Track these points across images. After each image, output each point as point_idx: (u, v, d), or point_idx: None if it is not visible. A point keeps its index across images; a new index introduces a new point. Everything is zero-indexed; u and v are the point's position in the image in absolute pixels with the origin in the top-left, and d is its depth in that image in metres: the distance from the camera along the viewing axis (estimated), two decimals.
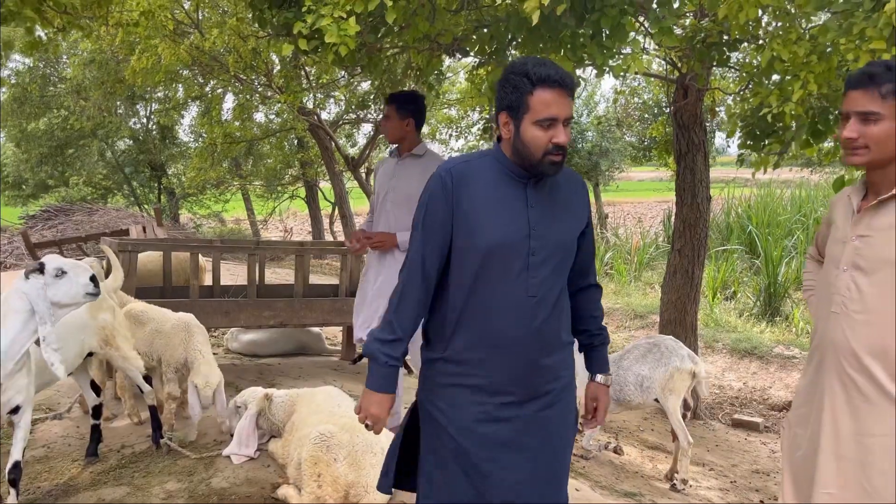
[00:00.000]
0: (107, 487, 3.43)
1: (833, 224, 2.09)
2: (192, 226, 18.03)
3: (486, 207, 1.94)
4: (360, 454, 3.14)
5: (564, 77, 1.86)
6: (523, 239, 1.93)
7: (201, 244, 6.40)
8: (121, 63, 10.81)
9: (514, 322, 1.95)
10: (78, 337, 3.38)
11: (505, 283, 1.94)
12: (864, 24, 2.98)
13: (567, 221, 2.01)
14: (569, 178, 2.05)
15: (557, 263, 1.98)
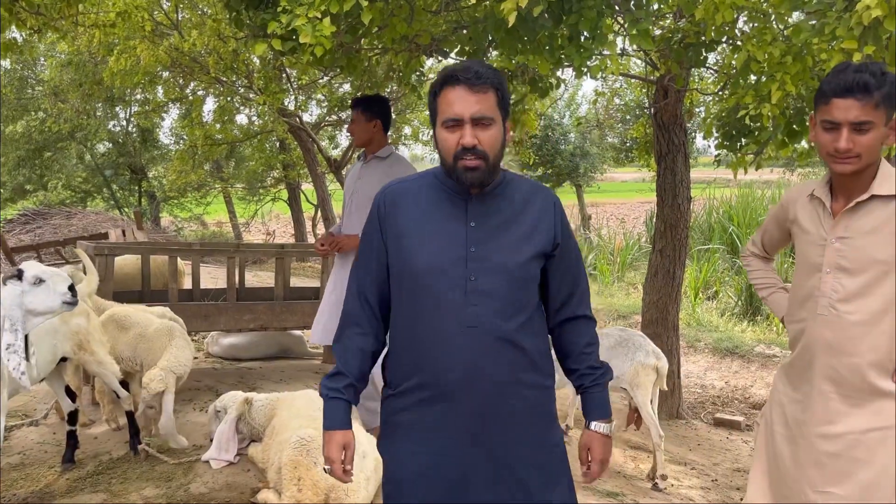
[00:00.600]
0: (84, 494, 3.38)
1: (797, 226, 2.10)
2: (173, 229, 17.87)
3: (419, 229, 1.76)
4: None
5: (470, 74, 1.68)
6: (458, 261, 1.71)
7: (180, 247, 6.35)
8: (99, 65, 10.70)
9: (449, 357, 1.71)
10: (50, 342, 3.34)
11: (439, 312, 1.72)
12: (836, 24, 3.00)
13: (519, 242, 1.75)
14: (530, 193, 1.82)
15: (508, 290, 1.72)
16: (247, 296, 5.67)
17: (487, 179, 1.72)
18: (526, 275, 1.76)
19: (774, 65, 3.38)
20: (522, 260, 1.74)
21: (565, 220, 1.84)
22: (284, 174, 14.70)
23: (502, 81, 1.73)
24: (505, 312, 1.72)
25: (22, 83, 14.52)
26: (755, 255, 2.40)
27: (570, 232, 1.86)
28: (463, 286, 1.71)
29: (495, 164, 1.72)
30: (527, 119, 5.70)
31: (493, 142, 1.70)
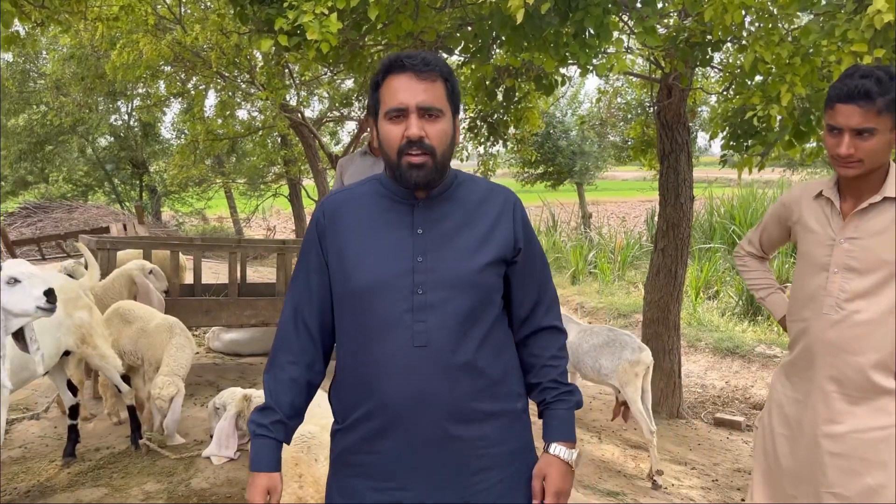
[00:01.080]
0: (85, 488, 3.38)
1: (801, 225, 2.10)
2: (174, 223, 17.87)
3: (360, 242, 1.57)
4: None
5: (417, 60, 1.50)
6: (405, 274, 1.52)
7: (182, 242, 6.34)
8: (101, 58, 10.67)
9: (396, 382, 1.52)
10: (54, 335, 3.33)
11: (385, 332, 1.53)
12: (846, 26, 3.00)
13: (472, 248, 1.55)
14: (486, 195, 1.62)
15: (462, 303, 1.52)
16: (248, 291, 5.67)
17: (435, 180, 1.53)
18: (481, 284, 1.55)
19: (782, 66, 3.37)
20: (476, 267, 1.54)
21: (527, 223, 1.65)
22: (286, 170, 14.68)
23: (451, 72, 1.56)
24: (458, 329, 1.53)
25: (24, 76, 14.50)
26: (751, 255, 2.40)
27: (534, 236, 1.67)
28: (409, 301, 1.52)
29: (444, 162, 1.54)
30: (531, 116, 5.69)
31: (441, 136, 1.52)
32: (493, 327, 1.59)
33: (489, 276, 1.56)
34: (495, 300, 1.60)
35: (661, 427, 5.41)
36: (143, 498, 3.28)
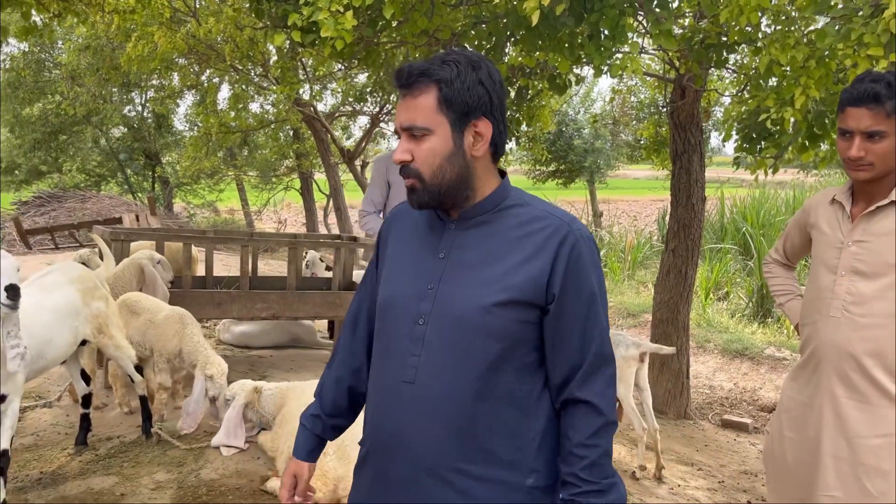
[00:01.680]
0: (96, 477, 3.42)
1: (816, 229, 2.12)
2: (185, 215, 17.97)
3: (399, 255, 1.49)
4: (349, 448, 3.14)
5: (402, 76, 1.37)
6: (414, 299, 1.39)
7: (194, 234, 6.38)
8: (116, 50, 10.75)
9: (383, 411, 1.42)
10: (72, 324, 3.37)
11: (386, 355, 1.43)
12: (863, 30, 2.98)
13: (489, 284, 1.33)
14: (529, 223, 1.38)
15: (460, 343, 1.33)
16: (259, 284, 5.70)
17: (434, 203, 1.38)
18: (488, 328, 1.33)
19: (797, 68, 3.36)
20: (483, 305, 1.32)
21: (581, 266, 1.34)
22: (297, 163, 14.73)
23: (452, 76, 1.34)
24: (450, 373, 1.34)
25: (39, 66, 14.61)
26: (777, 262, 2.42)
27: (588, 283, 1.35)
28: (411, 330, 1.39)
29: (436, 184, 1.36)
30: (542, 115, 5.69)
31: (426, 157, 1.35)
32: (504, 380, 1.35)
33: (502, 319, 1.33)
34: (513, 350, 1.35)
35: (669, 427, 5.41)
36: (154, 487, 3.32)
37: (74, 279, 3.46)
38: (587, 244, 1.37)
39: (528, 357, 1.38)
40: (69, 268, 3.57)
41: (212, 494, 3.27)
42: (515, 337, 1.35)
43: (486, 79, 1.36)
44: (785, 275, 2.41)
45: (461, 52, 1.39)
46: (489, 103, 1.37)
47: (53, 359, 3.27)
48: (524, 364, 1.38)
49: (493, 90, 1.37)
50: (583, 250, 1.36)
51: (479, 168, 1.40)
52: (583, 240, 1.36)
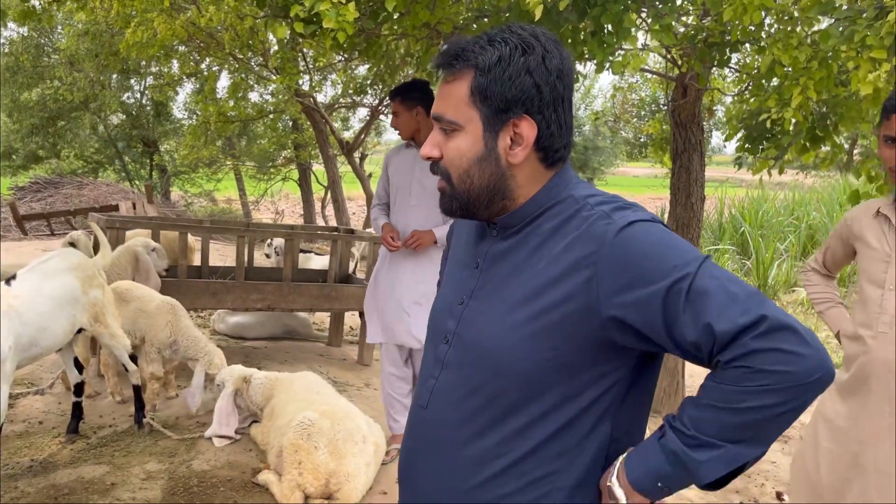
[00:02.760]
0: (87, 465, 3.40)
1: (862, 242, 2.08)
2: (182, 204, 17.92)
3: (452, 260, 1.32)
4: (341, 442, 3.13)
5: (442, 56, 1.14)
6: (447, 313, 1.22)
7: (190, 224, 6.35)
8: (115, 36, 10.68)
9: (406, 436, 1.30)
10: (70, 312, 3.36)
11: (422, 371, 1.30)
12: (866, 31, 2.96)
13: (515, 306, 1.10)
14: (563, 225, 1.12)
15: (478, 378, 1.13)
16: (255, 275, 5.68)
17: (462, 212, 1.17)
18: (510, 360, 1.10)
19: (799, 69, 3.34)
20: (505, 331, 1.10)
21: (629, 263, 1.04)
22: (296, 154, 14.68)
23: (489, 60, 1.09)
24: (463, 407, 1.15)
25: (38, 51, 14.52)
26: (815, 271, 2.39)
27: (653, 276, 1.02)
28: (436, 349, 1.23)
29: (465, 190, 1.14)
30: None
31: (454, 156, 1.13)
32: (530, 434, 1.10)
33: (529, 352, 1.08)
34: (541, 396, 1.09)
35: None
36: (144, 477, 3.31)
37: (74, 266, 3.44)
38: (638, 230, 1.05)
39: (566, 408, 1.09)
40: (69, 254, 3.54)
41: (203, 486, 3.26)
42: (548, 379, 1.09)
43: (536, 67, 1.09)
44: (824, 283, 2.37)
45: (518, 30, 1.12)
46: (537, 98, 1.10)
47: (48, 347, 3.25)
48: (562, 416, 1.10)
49: (544, 81, 1.09)
50: (625, 244, 1.04)
51: (520, 176, 1.14)
52: (624, 231, 1.05)
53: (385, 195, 3.67)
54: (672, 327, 1.01)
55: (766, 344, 0.97)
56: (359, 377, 5.18)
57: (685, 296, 1.00)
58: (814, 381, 0.97)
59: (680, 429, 1.04)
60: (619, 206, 1.11)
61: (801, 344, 0.97)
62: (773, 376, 0.97)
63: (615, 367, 1.10)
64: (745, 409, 0.98)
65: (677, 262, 1.01)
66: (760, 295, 1.01)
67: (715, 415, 1.00)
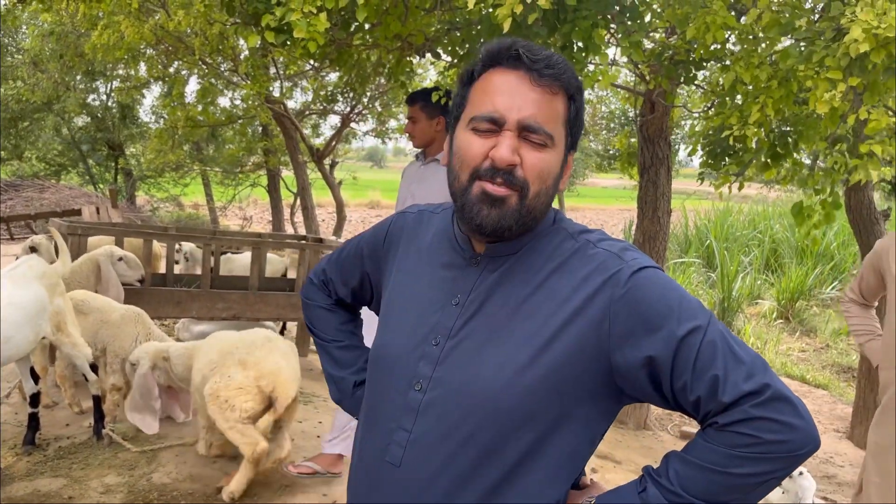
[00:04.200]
0: (43, 478, 3.32)
1: (889, 274, 2.10)
2: (148, 209, 17.63)
3: (405, 285, 1.18)
4: (249, 354, 3.22)
5: (539, 57, 1.05)
6: (411, 355, 1.10)
7: (155, 231, 6.25)
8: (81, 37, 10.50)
9: (359, 497, 1.15)
10: (36, 322, 3.29)
11: (372, 421, 1.15)
12: (824, 52, 3.04)
13: (519, 355, 1.03)
14: (581, 270, 1.06)
15: (471, 431, 1.03)
16: (221, 284, 5.61)
17: (511, 228, 1.06)
18: (513, 412, 1.03)
19: (759, 87, 3.42)
20: (509, 380, 1.02)
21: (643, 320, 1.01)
22: (265, 160, 14.55)
23: (580, 89, 1.09)
24: (451, 465, 1.04)
25: (1, 50, 14.19)
26: (853, 302, 2.40)
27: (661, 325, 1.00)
28: (403, 396, 1.09)
29: (534, 208, 1.06)
30: None
31: (543, 170, 1.05)
32: (529, 486, 1.04)
33: (532, 402, 1.03)
34: (545, 445, 1.04)
35: (628, 438, 5.45)
36: (103, 491, 3.23)
37: (41, 275, 3.37)
38: (651, 275, 1.03)
39: (562, 448, 1.05)
40: (36, 262, 3.47)
41: (163, 499, 3.20)
42: (552, 427, 1.04)
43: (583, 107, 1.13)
44: (863, 314, 2.39)
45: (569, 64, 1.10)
46: (579, 136, 1.14)
47: (10, 357, 3.19)
48: (558, 461, 1.05)
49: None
50: (641, 288, 1.02)
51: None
52: (639, 274, 1.03)
53: None
54: (677, 378, 1.00)
55: (766, 413, 0.97)
56: (325, 388, 5.12)
57: (697, 349, 0.99)
58: (803, 453, 0.99)
59: (664, 485, 1.01)
60: (624, 246, 1.09)
61: (796, 416, 0.99)
62: (769, 445, 0.97)
63: (604, 413, 1.09)
64: (735, 474, 0.98)
65: (690, 312, 1.01)
66: (763, 361, 1.02)
67: (703, 475, 0.99)
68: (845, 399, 7.28)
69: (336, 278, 1.38)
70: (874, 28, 2.59)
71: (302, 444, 3.82)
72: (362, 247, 1.33)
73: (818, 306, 10.93)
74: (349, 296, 1.39)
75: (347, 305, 1.42)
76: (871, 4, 2.67)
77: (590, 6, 3.08)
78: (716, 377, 0.98)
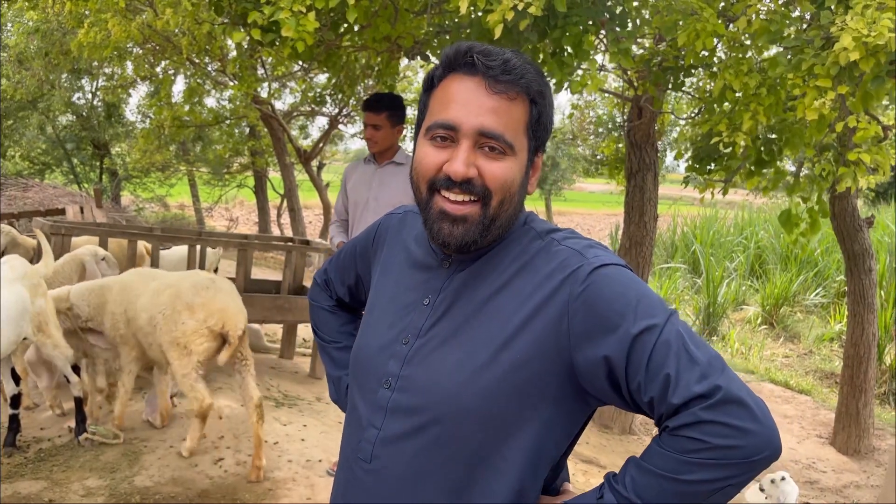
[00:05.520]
0: (23, 481, 3.27)
1: None
2: (133, 209, 17.49)
3: (384, 286, 1.20)
4: (195, 296, 3.39)
5: (495, 61, 1.03)
6: (383, 353, 1.11)
7: (140, 231, 6.19)
8: (67, 35, 10.40)
9: (342, 496, 1.15)
10: (19, 323, 3.24)
11: (350, 422, 1.17)
12: (813, 60, 3.07)
13: (480, 356, 1.03)
14: (543, 268, 1.05)
15: (436, 430, 1.04)
16: None
17: (477, 242, 1.06)
18: (474, 408, 1.02)
19: (749, 95, 3.44)
20: (481, 382, 1.02)
21: (599, 311, 1.00)
22: (252, 161, 14.49)
23: (544, 91, 1.07)
24: (418, 460, 1.05)
25: None
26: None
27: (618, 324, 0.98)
28: (373, 393, 1.11)
29: (499, 218, 1.06)
30: None
31: (503, 179, 1.04)
32: (495, 483, 1.04)
33: (495, 399, 1.02)
34: (504, 435, 1.03)
35: (613, 442, 5.46)
36: (84, 494, 3.19)
37: (22, 276, 3.33)
38: (612, 272, 1.01)
39: (524, 451, 1.03)
40: (17, 262, 3.42)
41: (145, 502, 3.16)
42: (512, 428, 1.03)
43: (552, 100, 1.10)
44: None
45: (530, 63, 1.07)
46: (545, 139, 1.11)
47: None
48: (521, 464, 1.03)
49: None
50: (599, 286, 1.00)
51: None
52: (599, 271, 1.01)
53: (344, 211, 3.63)
54: (632, 379, 0.98)
55: (716, 416, 0.93)
56: (310, 391, 5.10)
57: (651, 348, 0.96)
58: (759, 459, 0.94)
59: (620, 491, 0.98)
60: (589, 244, 1.07)
61: (751, 420, 0.94)
62: (720, 451, 0.93)
63: (569, 415, 1.06)
64: (687, 480, 0.94)
65: (647, 310, 0.98)
66: (721, 362, 0.98)
67: (656, 482, 0.96)
68: (828, 405, 7.34)
69: (335, 278, 1.41)
70: (864, 36, 2.62)
71: (286, 448, 3.79)
72: (356, 246, 1.35)
73: (802, 312, 11.02)
74: (347, 295, 1.41)
75: (348, 307, 1.45)
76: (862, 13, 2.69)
77: (580, 13, 3.09)
78: (668, 377, 0.94)
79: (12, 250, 5.18)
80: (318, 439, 3.95)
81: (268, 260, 12.32)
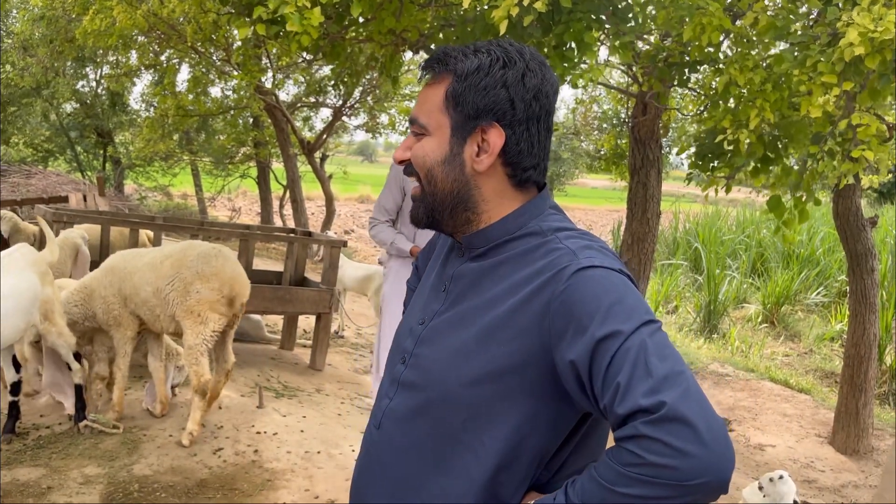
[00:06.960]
0: (22, 467, 3.28)
1: None
2: (136, 197, 17.49)
3: (423, 284, 1.29)
4: (206, 266, 3.44)
5: (428, 60, 1.15)
6: (406, 333, 1.21)
7: (142, 220, 6.20)
8: (72, 22, 10.39)
9: (360, 456, 1.25)
10: (30, 310, 3.25)
11: (379, 391, 1.25)
12: (819, 57, 3.05)
13: (469, 346, 1.07)
14: (531, 258, 1.08)
15: (426, 404, 1.11)
16: None
17: (427, 219, 1.17)
18: (462, 388, 1.07)
19: (754, 91, 3.43)
20: (464, 367, 1.07)
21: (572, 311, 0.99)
22: (255, 152, 14.48)
23: (468, 67, 1.10)
24: (413, 431, 1.12)
25: None
26: None
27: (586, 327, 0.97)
28: (394, 366, 1.21)
29: (431, 192, 1.14)
30: None
31: (419, 156, 1.13)
32: (470, 466, 1.07)
33: (477, 378, 1.06)
34: (483, 423, 1.06)
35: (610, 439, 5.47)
36: (82, 481, 3.20)
37: (33, 263, 3.34)
38: (596, 274, 1.00)
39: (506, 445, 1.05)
40: (27, 251, 3.43)
41: (144, 491, 3.17)
42: (493, 410, 1.06)
43: (514, 82, 1.09)
44: None
45: (507, 45, 1.12)
46: (509, 112, 1.09)
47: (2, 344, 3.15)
48: (501, 453, 1.06)
49: (520, 97, 1.09)
50: (579, 286, 1.00)
51: (485, 188, 1.12)
52: (583, 272, 1.01)
53: (394, 209, 3.52)
54: (594, 383, 0.97)
55: (655, 433, 0.90)
56: (310, 382, 5.11)
57: (612, 354, 0.94)
58: (696, 485, 0.89)
59: (570, 497, 0.98)
60: (587, 244, 1.07)
61: (694, 442, 0.89)
62: (654, 469, 0.90)
63: (556, 417, 1.05)
64: (621, 493, 0.92)
65: (618, 316, 0.96)
66: (681, 379, 0.93)
67: (598, 491, 0.95)
68: (827, 404, 7.34)
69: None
70: (871, 32, 2.60)
71: (285, 439, 3.80)
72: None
73: (803, 311, 11.01)
74: None
75: None
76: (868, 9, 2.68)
77: (584, 8, 3.08)
78: (618, 386, 0.93)
79: (14, 237, 5.21)
80: (317, 431, 3.96)
81: (270, 251, 12.32)
